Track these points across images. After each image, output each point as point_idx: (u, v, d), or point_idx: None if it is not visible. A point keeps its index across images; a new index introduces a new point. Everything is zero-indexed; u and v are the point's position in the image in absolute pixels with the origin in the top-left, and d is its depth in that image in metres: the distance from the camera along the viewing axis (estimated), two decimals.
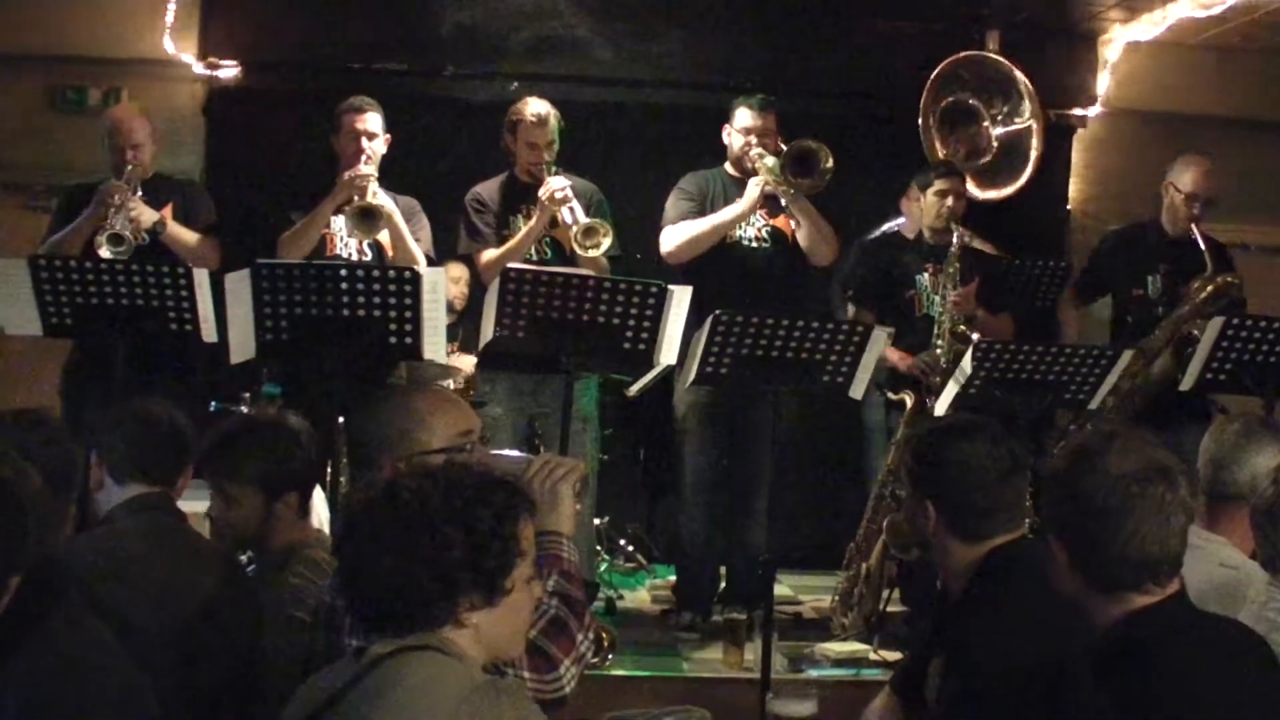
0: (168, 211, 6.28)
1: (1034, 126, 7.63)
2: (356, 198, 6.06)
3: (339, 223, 6.24)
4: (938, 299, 6.50)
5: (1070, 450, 2.81)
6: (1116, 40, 8.97)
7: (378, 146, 6.28)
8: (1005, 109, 7.67)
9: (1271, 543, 3.29)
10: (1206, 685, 2.58)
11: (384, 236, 6.25)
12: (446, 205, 6.67)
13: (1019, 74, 7.71)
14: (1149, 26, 8.76)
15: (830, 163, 6.30)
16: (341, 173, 6.19)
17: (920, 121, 7.52)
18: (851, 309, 6.84)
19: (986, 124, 7.66)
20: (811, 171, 6.34)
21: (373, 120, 6.32)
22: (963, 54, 7.70)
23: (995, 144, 7.67)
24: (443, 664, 2.39)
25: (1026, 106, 7.67)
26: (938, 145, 7.54)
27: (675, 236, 6.50)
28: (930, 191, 6.61)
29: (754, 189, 6.40)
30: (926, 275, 6.58)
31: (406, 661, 2.38)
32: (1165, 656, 2.61)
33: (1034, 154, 7.66)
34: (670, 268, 6.51)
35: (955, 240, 6.49)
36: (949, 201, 6.57)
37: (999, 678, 3.01)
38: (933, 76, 7.55)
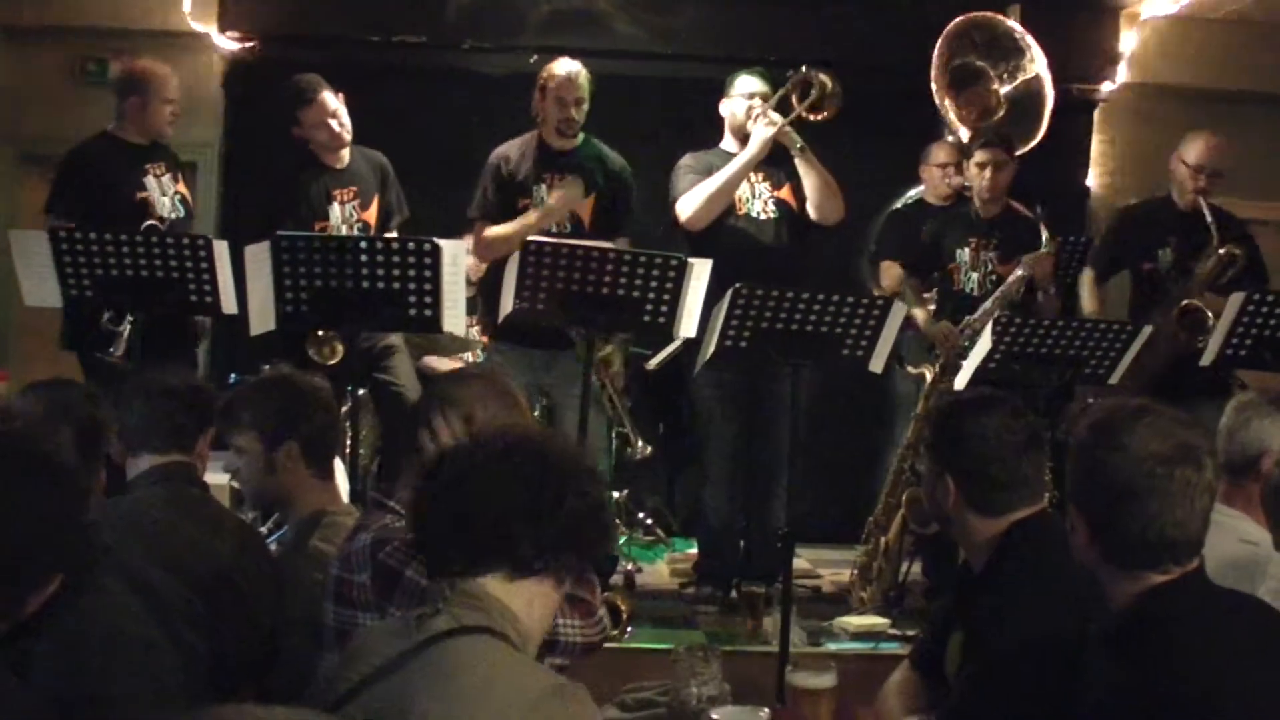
0: (184, 185, 6.49)
1: (1041, 78, 7.54)
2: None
3: (335, 211, 6.39)
4: (975, 275, 6.49)
5: (1097, 422, 2.76)
6: (1138, 14, 8.93)
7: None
8: (1010, 66, 7.59)
9: None
10: (1223, 661, 2.56)
11: (371, 214, 6.43)
12: (463, 177, 6.65)
13: (1022, 31, 7.63)
14: (1171, 1, 8.73)
15: (836, 86, 6.29)
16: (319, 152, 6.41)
17: (934, 85, 7.46)
18: (885, 266, 6.86)
19: (995, 85, 7.59)
20: (822, 103, 6.33)
21: (332, 96, 6.46)
22: (973, 14, 7.63)
23: (1004, 102, 7.59)
24: (509, 659, 2.38)
25: (1027, 60, 7.58)
26: (949, 107, 7.47)
27: (692, 200, 6.45)
28: (971, 163, 6.59)
29: (761, 132, 6.36)
30: (968, 250, 6.56)
31: (472, 648, 2.36)
32: (1181, 632, 2.60)
33: (1047, 109, 7.57)
34: (681, 241, 6.50)
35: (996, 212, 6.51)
36: (988, 173, 6.53)
37: (1020, 652, 3.00)
38: (942, 37, 7.47)
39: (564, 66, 6.44)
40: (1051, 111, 7.47)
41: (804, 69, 6.37)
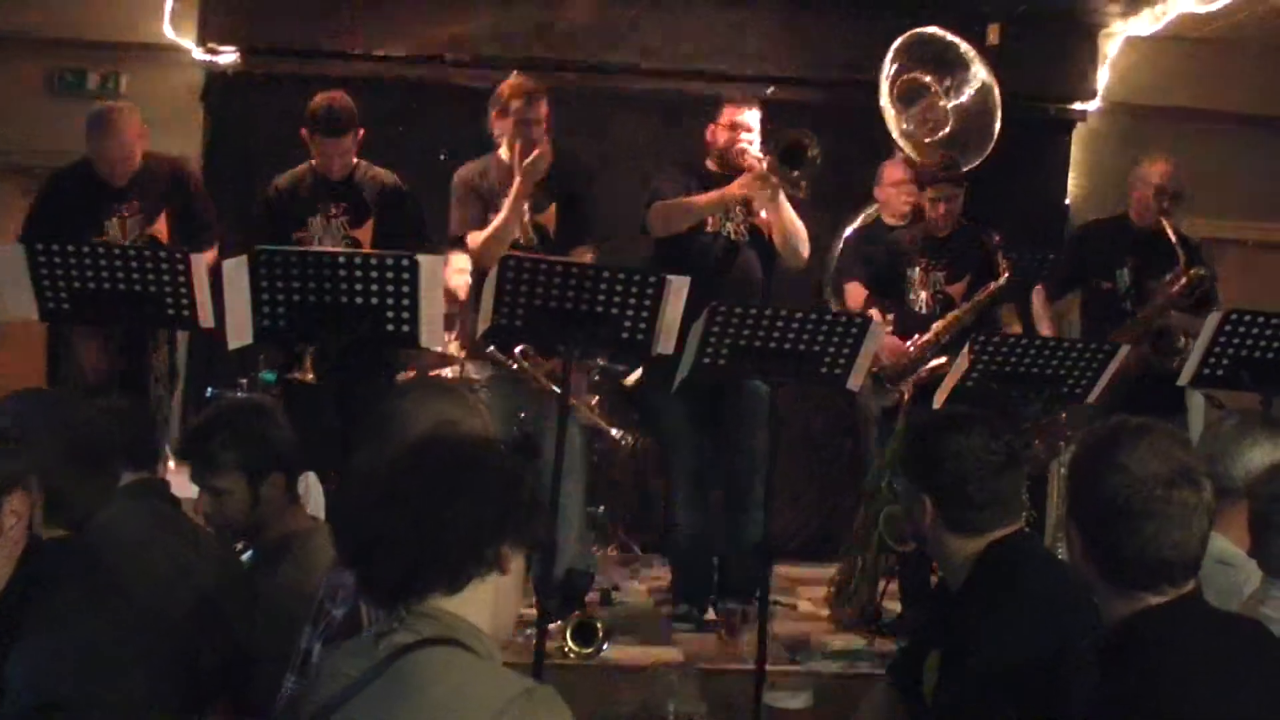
0: (163, 224, 6.43)
1: (988, 86, 7.51)
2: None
3: (316, 224, 6.37)
4: (924, 294, 6.53)
5: (1096, 440, 2.75)
6: (1117, 35, 8.97)
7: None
8: (951, 81, 7.57)
9: (1268, 544, 3.28)
10: (1214, 683, 2.55)
11: (363, 233, 6.40)
12: (444, 192, 6.64)
13: (962, 42, 7.61)
14: (1149, 21, 8.78)
15: (816, 150, 6.30)
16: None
17: (884, 100, 7.43)
18: (850, 288, 6.91)
19: (942, 101, 7.58)
20: (800, 162, 6.33)
21: None
22: (912, 31, 7.58)
23: (950, 116, 7.58)
24: (476, 666, 2.35)
25: (974, 71, 7.55)
26: (895, 121, 7.44)
27: (657, 211, 6.47)
28: (927, 197, 6.65)
29: (737, 188, 6.38)
30: (918, 269, 6.59)
31: (436, 660, 2.33)
32: (1173, 655, 2.58)
33: (997, 118, 7.54)
34: (653, 258, 6.50)
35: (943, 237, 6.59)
36: (941, 207, 6.61)
37: (998, 671, 3.00)
38: (892, 50, 7.42)
39: (523, 86, 6.41)
40: (1003, 121, 7.46)
41: (801, 135, 6.37)
